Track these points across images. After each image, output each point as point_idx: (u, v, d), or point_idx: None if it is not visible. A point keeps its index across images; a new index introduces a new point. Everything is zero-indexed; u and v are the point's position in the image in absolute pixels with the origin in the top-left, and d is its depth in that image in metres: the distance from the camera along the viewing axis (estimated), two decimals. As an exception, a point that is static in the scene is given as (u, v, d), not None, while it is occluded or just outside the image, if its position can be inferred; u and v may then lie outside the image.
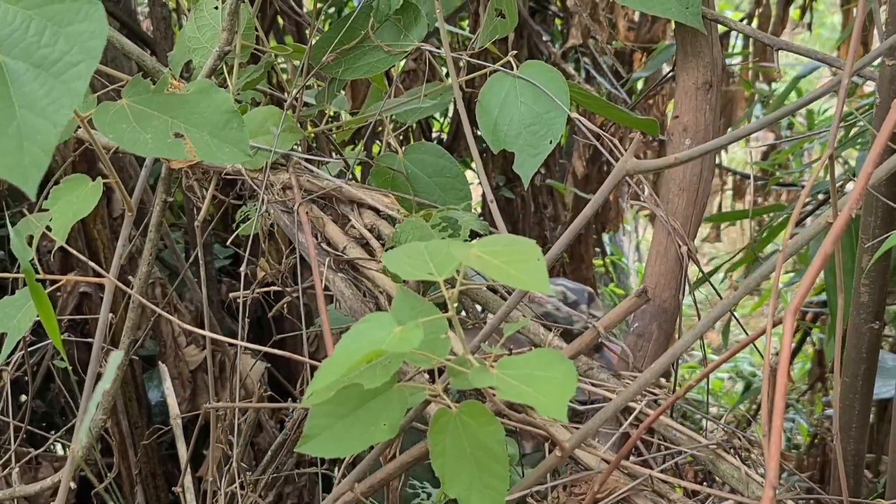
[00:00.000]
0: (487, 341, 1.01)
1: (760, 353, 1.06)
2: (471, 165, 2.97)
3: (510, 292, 1.16)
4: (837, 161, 2.22)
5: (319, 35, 1.39)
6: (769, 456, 0.63)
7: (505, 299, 1.18)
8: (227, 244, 1.71)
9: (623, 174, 1.00)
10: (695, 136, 1.27)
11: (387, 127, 1.39)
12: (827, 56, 1.31)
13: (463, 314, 1.29)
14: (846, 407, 1.28)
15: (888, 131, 0.80)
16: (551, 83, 1.22)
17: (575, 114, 1.23)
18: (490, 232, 1.18)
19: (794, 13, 3.61)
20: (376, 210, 1.27)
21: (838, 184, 1.86)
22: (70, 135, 1.08)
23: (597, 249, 4.00)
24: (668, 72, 2.81)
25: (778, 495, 1.03)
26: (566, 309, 1.91)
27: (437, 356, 0.85)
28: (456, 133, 3.05)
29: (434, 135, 3.25)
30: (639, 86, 3.44)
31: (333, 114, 1.69)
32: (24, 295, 1.08)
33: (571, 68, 2.96)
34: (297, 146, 1.33)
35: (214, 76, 1.21)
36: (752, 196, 3.36)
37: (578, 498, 1.02)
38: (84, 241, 2.16)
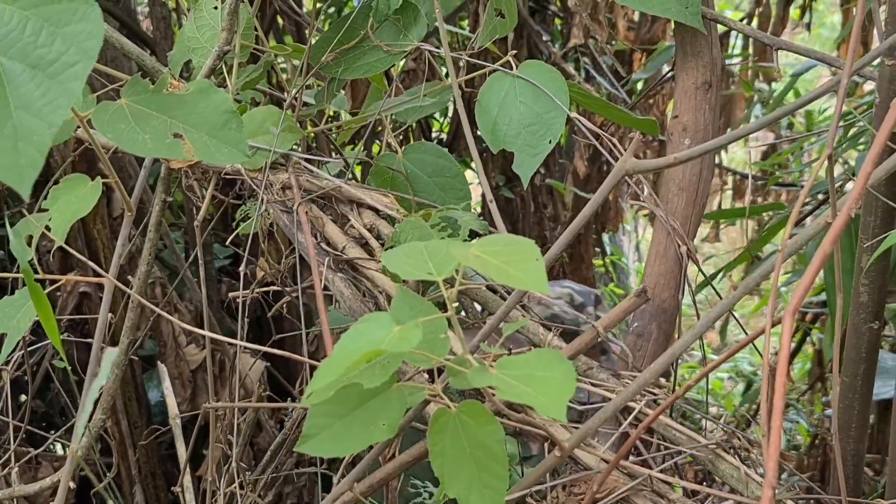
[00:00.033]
0: (487, 341, 1.01)
1: (760, 353, 1.06)
2: (471, 165, 2.97)
3: (509, 292, 1.15)
4: (837, 161, 2.22)
5: (319, 35, 1.39)
6: (768, 456, 0.63)
7: (504, 299, 1.18)
8: (227, 244, 1.71)
9: (622, 174, 1.00)
10: (694, 136, 1.27)
11: (386, 127, 1.39)
12: (826, 56, 1.31)
13: (462, 314, 1.29)
14: (846, 407, 1.28)
15: (887, 131, 0.80)
16: (551, 83, 1.22)
17: (574, 113, 1.23)
18: (489, 232, 1.18)
19: (794, 13, 3.61)
20: (376, 210, 1.27)
21: (838, 184, 1.86)
22: (69, 135, 1.08)
23: (597, 249, 3.99)
24: (668, 71, 2.81)
25: (777, 495, 1.03)
26: (573, 311, 1.92)
27: (437, 356, 0.85)
28: (456, 133, 3.05)
29: (434, 135, 3.25)
30: (639, 86, 3.44)
31: (333, 113, 1.69)
32: (24, 295, 1.08)
33: (571, 68, 2.96)
34: (297, 146, 1.33)
35: (214, 76, 1.21)
36: (751, 196, 3.36)
37: (578, 498, 1.02)
38: (84, 241, 2.16)
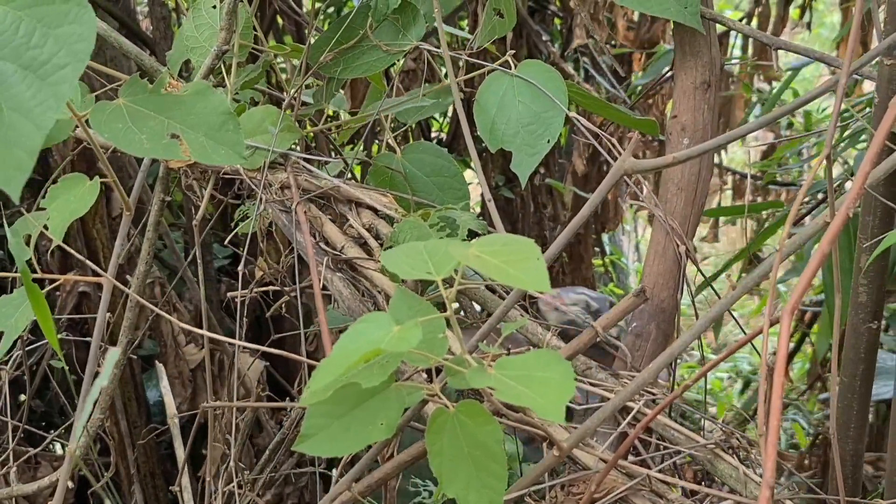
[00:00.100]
0: (486, 341, 1.01)
1: (759, 353, 1.06)
2: (470, 165, 2.97)
3: (508, 292, 1.15)
4: (836, 160, 2.22)
5: (318, 34, 1.39)
6: (766, 455, 0.63)
7: (503, 299, 1.18)
8: (226, 243, 1.71)
9: (621, 174, 0.99)
10: (693, 136, 1.27)
11: (385, 126, 1.39)
12: (825, 55, 1.31)
13: (461, 314, 1.29)
14: (845, 407, 1.28)
15: (886, 131, 0.80)
16: (549, 82, 1.22)
17: (573, 113, 1.23)
18: (488, 231, 1.18)
19: (794, 13, 3.61)
20: (374, 209, 1.27)
21: (837, 183, 1.86)
22: (67, 134, 1.08)
23: (596, 249, 3.99)
24: (667, 71, 2.81)
25: (776, 495, 1.03)
26: (590, 318, 1.93)
27: (435, 356, 0.85)
28: (455, 133, 3.05)
29: (433, 134, 3.24)
30: (639, 87, 3.44)
31: (332, 113, 1.68)
32: (22, 294, 1.08)
33: (570, 68, 2.96)
34: (296, 146, 1.33)
35: (213, 75, 1.21)
36: (751, 195, 3.36)
37: (576, 497, 1.02)
38: (83, 241, 2.16)
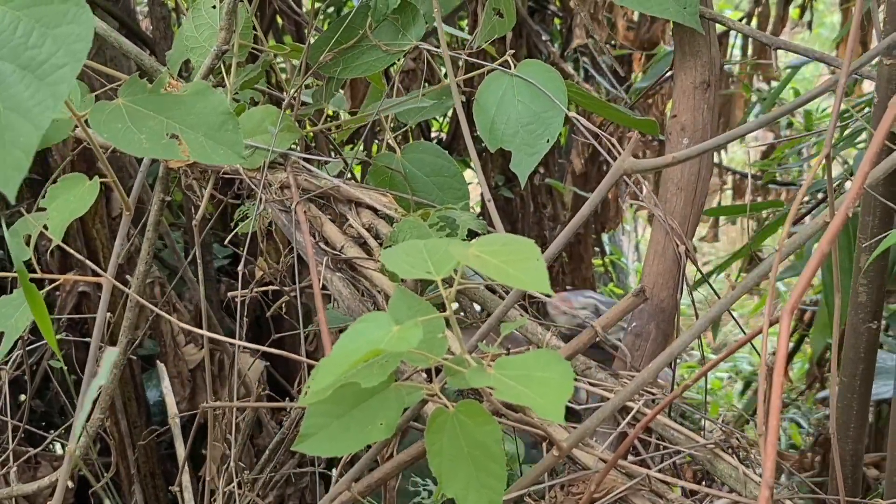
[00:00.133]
0: (485, 341, 1.01)
1: (758, 353, 1.06)
2: (470, 165, 2.97)
3: (508, 292, 1.15)
4: (836, 160, 2.22)
5: (318, 34, 1.39)
6: (765, 455, 0.63)
7: (503, 299, 1.18)
8: (225, 243, 1.71)
9: (620, 174, 0.99)
10: (693, 136, 1.27)
11: (385, 126, 1.39)
12: (825, 55, 1.31)
13: (461, 314, 1.29)
14: (844, 407, 1.28)
15: (885, 130, 0.80)
16: (549, 82, 1.22)
17: (573, 113, 1.23)
18: (488, 231, 1.18)
19: (794, 12, 3.61)
20: (374, 209, 1.27)
21: (837, 183, 1.85)
22: (67, 134, 1.08)
23: (596, 249, 4.00)
24: (666, 71, 2.81)
25: (776, 495, 1.03)
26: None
27: (435, 355, 0.85)
28: (455, 132, 3.05)
29: (433, 134, 3.24)
30: (638, 80, 3.44)
31: (332, 113, 1.68)
32: (22, 294, 1.08)
33: (570, 68, 2.96)
34: (296, 145, 1.33)
35: (212, 75, 1.21)
36: (751, 195, 3.36)
37: (576, 497, 1.02)
38: (83, 241, 2.16)
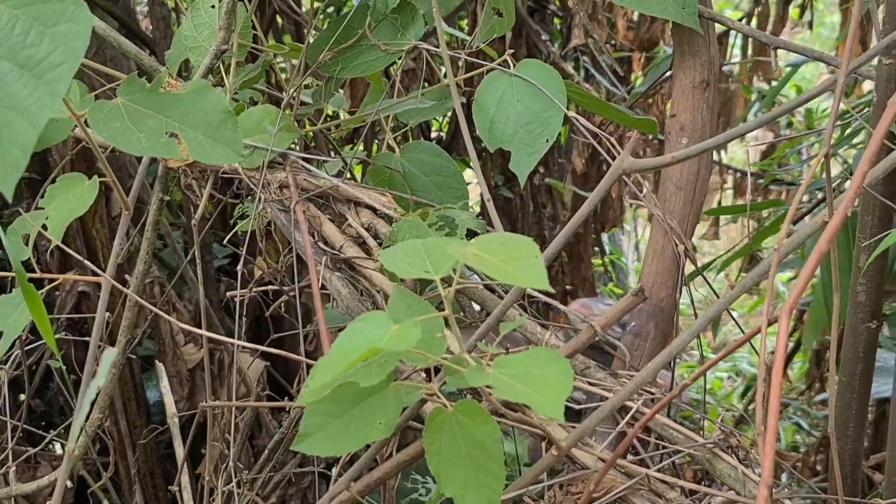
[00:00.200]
0: (484, 340, 1.01)
1: (758, 352, 1.06)
2: (470, 164, 2.97)
3: (507, 291, 1.15)
4: (836, 159, 2.22)
5: (317, 34, 1.39)
6: (764, 455, 0.63)
7: (503, 298, 1.18)
8: (224, 243, 1.71)
9: (619, 173, 0.99)
10: (692, 135, 1.27)
11: (385, 126, 1.39)
12: (825, 54, 1.31)
13: (461, 313, 1.29)
14: (843, 406, 1.28)
15: (884, 130, 0.79)
16: (548, 82, 1.22)
17: (572, 112, 1.23)
18: (487, 231, 1.18)
19: (794, 12, 3.61)
20: (373, 209, 1.27)
21: (836, 182, 1.85)
22: (66, 134, 1.08)
23: (596, 249, 4.00)
24: (666, 70, 2.81)
25: (775, 494, 1.03)
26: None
27: (434, 355, 0.85)
28: (455, 132, 3.05)
29: (433, 134, 3.25)
30: (638, 83, 3.44)
31: (332, 113, 1.68)
32: (21, 293, 1.08)
33: (570, 68, 2.96)
34: (295, 145, 1.33)
35: (212, 75, 1.21)
36: (751, 195, 3.36)
37: (575, 497, 1.02)
38: (82, 241, 2.16)
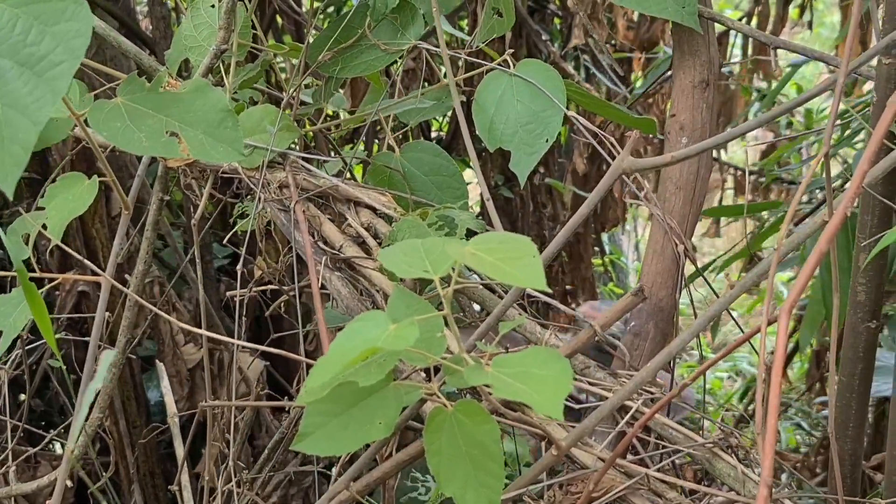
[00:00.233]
0: (484, 339, 1.01)
1: (757, 352, 1.06)
2: (470, 164, 2.97)
3: (507, 291, 1.15)
4: (836, 159, 2.22)
5: (317, 33, 1.39)
6: (764, 455, 0.63)
7: (502, 298, 1.18)
8: (224, 242, 1.71)
9: (619, 173, 0.99)
10: (691, 135, 1.26)
11: (385, 126, 1.39)
12: (824, 54, 1.31)
13: (460, 313, 1.29)
14: (843, 406, 1.28)
15: (884, 130, 0.79)
16: (548, 82, 1.22)
17: (572, 112, 1.23)
18: (487, 231, 1.18)
19: (794, 12, 3.61)
20: (373, 208, 1.27)
21: (837, 182, 1.85)
22: (66, 133, 1.08)
23: (596, 248, 4.00)
24: (666, 70, 2.81)
25: (775, 494, 1.03)
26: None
27: (433, 354, 0.85)
28: (455, 132, 3.05)
29: (433, 134, 3.25)
30: (638, 84, 3.44)
31: (332, 113, 1.68)
32: (21, 293, 1.08)
33: (571, 67, 2.96)
34: (295, 145, 1.33)
35: (211, 75, 1.21)
36: (750, 195, 3.36)
37: (574, 496, 1.02)
38: (82, 240, 2.16)
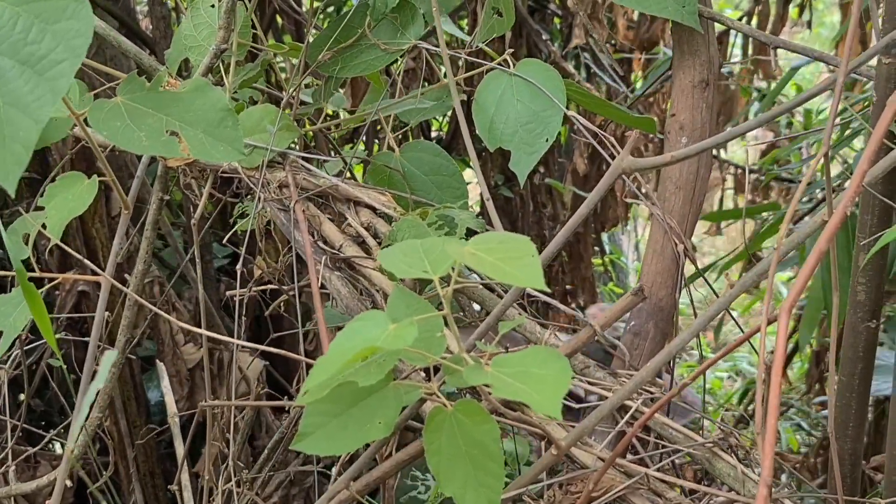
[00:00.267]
0: (483, 339, 1.01)
1: (757, 352, 1.06)
2: (470, 164, 2.97)
3: (507, 290, 1.15)
4: (836, 159, 2.22)
5: (317, 33, 1.39)
6: (764, 454, 0.63)
7: (502, 298, 1.18)
8: (224, 242, 1.71)
9: (619, 173, 0.99)
10: (691, 135, 1.26)
11: (385, 126, 1.39)
12: (824, 54, 1.31)
13: (460, 313, 1.29)
14: (843, 406, 1.27)
15: (883, 129, 0.79)
16: (548, 81, 1.22)
17: (572, 112, 1.23)
18: (487, 230, 1.18)
19: (793, 12, 3.60)
20: (373, 208, 1.27)
21: (836, 182, 1.85)
22: (65, 133, 1.08)
23: (596, 248, 4.00)
24: (666, 70, 2.81)
25: (775, 494, 1.03)
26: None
27: (433, 354, 0.85)
28: (455, 132, 3.05)
29: (434, 134, 3.25)
30: (638, 84, 3.44)
31: (332, 112, 1.68)
32: (20, 293, 1.08)
33: (571, 66, 2.95)
34: (295, 144, 1.33)
35: (211, 74, 1.21)
36: (750, 195, 3.36)
37: (574, 496, 1.02)
38: (82, 240, 2.16)
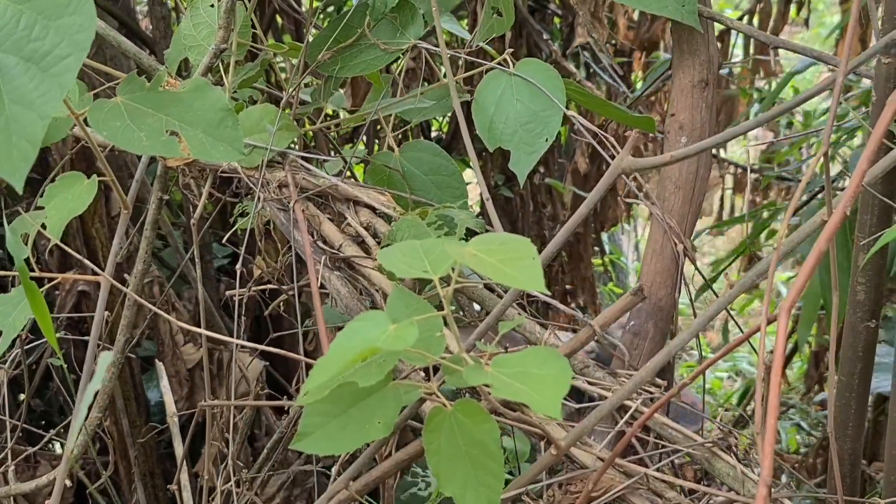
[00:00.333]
0: (483, 339, 1.01)
1: (756, 351, 1.06)
2: (470, 164, 2.96)
3: (507, 291, 1.15)
4: (836, 159, 2.22)
5: (317, 33, 1.39)
6: (763, 454, 0.63)
7: (502, 298, 1.18)
8: (224, 242, 1.71)
9: (619, 172, 0.99)
10: (691, 134, 1.26)
11: (385, 126, 1.39)
12: (823, 54, 1.31)
13: (460, 313, 1.29)
14: (843, 406, 1.28)
15: (883, 129, 0.80)
16: (547, 81, 1.22)
17: (572, 111, 1.23)
18: (486, 230, 1.18)
19: (793, 11, 3.60)
20: (372, 208, 1.27)
21: (836, 183, 1.85)
22: (66, 132, 1.08)
23: (595, 248, 3.99)
24: (666, 70, 2.81)
25: (774, 493, 1.03)
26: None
27: (433, 354, 0.85)
28: (455, 131, 3.04)
29: (434, 134, 3.24)
30: (638, 84, 3.44)
31: (332, 112, 1.68)
32: (21, 292, 1.08)
33: (572, 66, 2.95)
34: (294, 144, 1.33)
35: (211, 74, 1.21)
36: (751, 195, 3.36)
37: (574, 496, 1.02)
38: (82, 240, 2.16)
